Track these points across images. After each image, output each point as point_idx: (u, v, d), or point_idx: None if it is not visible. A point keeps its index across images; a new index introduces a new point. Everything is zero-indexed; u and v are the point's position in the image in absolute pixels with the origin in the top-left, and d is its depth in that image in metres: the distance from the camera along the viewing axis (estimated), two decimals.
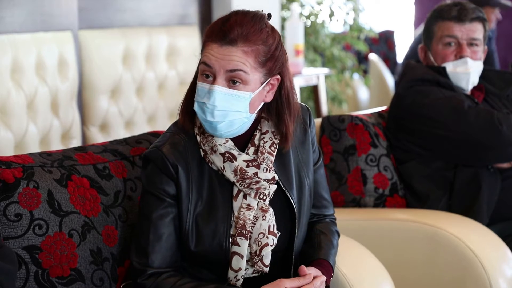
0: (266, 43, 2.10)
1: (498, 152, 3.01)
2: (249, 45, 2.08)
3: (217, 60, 2.08)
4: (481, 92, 3.17)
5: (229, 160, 2.13)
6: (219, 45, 2.08)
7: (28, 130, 3.80)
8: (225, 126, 2.11)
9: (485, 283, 2.70)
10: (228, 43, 2.07)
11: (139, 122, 4.52)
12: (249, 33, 2.08)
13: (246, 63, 2.08)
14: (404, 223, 2.91)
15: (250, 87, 2.10)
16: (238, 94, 2.09)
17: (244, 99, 2.10)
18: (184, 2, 4.89)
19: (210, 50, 2.09)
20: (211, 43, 2.09)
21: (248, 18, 2.10)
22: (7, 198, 2.08)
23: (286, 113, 2.17)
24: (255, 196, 2.14)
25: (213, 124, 2.10)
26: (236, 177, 2.14)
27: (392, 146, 3.12)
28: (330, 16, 6.26)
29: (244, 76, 2.08)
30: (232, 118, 2.10)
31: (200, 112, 2.11)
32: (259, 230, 2.13)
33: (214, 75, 2.09)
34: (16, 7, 3.83)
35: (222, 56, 2.07)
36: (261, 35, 2.10)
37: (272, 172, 2.16)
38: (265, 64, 2.11)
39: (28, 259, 2.09)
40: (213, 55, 2.08)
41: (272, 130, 2.19)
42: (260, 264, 2.14)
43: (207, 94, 2.09)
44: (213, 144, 2.14)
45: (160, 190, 2.14)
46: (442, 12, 3.12)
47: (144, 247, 2.13)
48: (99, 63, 4.28)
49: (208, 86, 2.09)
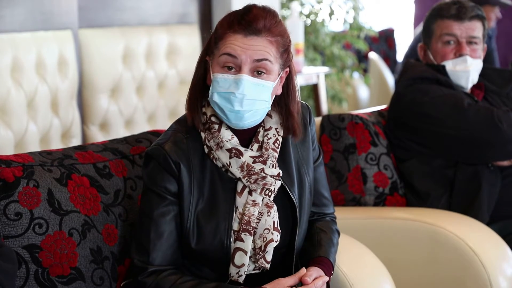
0: (284, 36, 2.15)
1: (498, 149, 3.01)
2: (272, 36, 2.12)
3: (243, 50, 2.10)
4: (481, 90, 3.17)
5: (235, 156, 2.14)
6: (244, 35, 2.11)
7: (28, 129, 3.80)
8: (251, 116, 2.13)
9: (485, 281, 2.70)
10: (253, 33, 2.10)
11: (139, 121, 4.52)
12: (271, 25, 2.12)
13: (270, 52, 2.12)
14: (404, 222, 2.91)
15: (272, 77, 2.14)
16: (264, 83, 2.12)
17: (268, 88, 2.13)
18: (184, 1, 4.89)
19: (234, 41, 2.11)
20: (234, 34, 2.11)
21: (267, 11, 2.14)
22: (7, 197, 2.08)
23: (294, 106, 2.21)
24: (261, 192, 2.15)
25: (240, 114, 2.12)
26: (242, 173, 2.14)
27: (392, 145, 3.12)
28: (330, 14, 6.26)
29: (269, 66, 2.12)
30: (258, 108, 2.13)
31: (224, 103, 2.11)
32: (264, 226, 2.14)
33: (238, 66, 2.11)
34: (16, 6, 3.83)
35: (248, 46, 2.10)
36: (281, 28, 2.15)
37: (277, 168, 2.18)
38: (282, 56, 2.15)
39: (28, 258, 2.09)
40: (238, 45, 2.10)
41: (276, 126, 2.20)
42: (263, 260, 2.15)
43: (233, 84, 2.10)
44: (219, 140, 2.15)
45: (161, 188, 2.14)
46: (441, 11, 3.12)
47: (145, 245, 2.14)
48: (99, 62, 4.28)
49: (233, 77, 2.11)
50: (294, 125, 2.20)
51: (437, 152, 3.06)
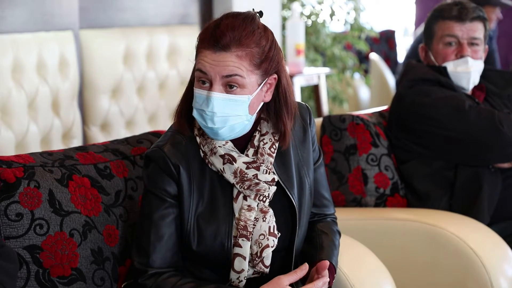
0: (260, 44, 2.08)
1: (498, 152, 3.00)
2: (243, 49, 2.06)
3: (212, 66, 2.06)
4: (482, 92, 3.17)
5: (228, 162, 2.13)
6: (213, 51, 2.06)
7: (29, 130, 3.80)
8: (227, 131, 2.10)
9: (486, 282, 2.70)
10: (221, 49, 2.05)
11: (140, 121, 4.52)
12: (241, 37, 2.06)
13: (241, 67, 2.06)
14: (405, 223, 2.90)
15: (248, 90, 2.09)
16: (236, 98, 2.08)
17: (242, 102, 2.09)
18: (185, 1, 4.89)
19: (204, 57, 2.07)
20: (204, 50, 2.07)
21: (239, 21, 2.07)
22: (8, 198, 2.08)
23: (284, 111, 2.16)
24: (255, 198, 2.14)
25: (214, 130, 2.10)
26: (236, 179, 2.13)
27: (393, 146, 3.12)
28: (331, 15, 6.26)
29: (240, 80, 2.07)
30: (233, 123, 2.09)
31: (200, 119, 2.10)
32: (260, 232, 2.13)
33: (210, 81, 2.07)
34: (17, 7, 3.83)
35: (216, 62, 2.05)
36: (254, 37, 2.07)
37: (271, 173, 2.16)
38: (260, 66, 2.09)
39: (29, 258, 2.09)
40: (207, 61, 2.06)
41: (272, 131, 2.18)
42: (261, 265, 2.14)
43: (205, 101, 2.07)
44: (212, 146, 2.14)
45: (161, 190, 2.14)
46: (442, 12, 3.12)
47: (145, 247, 2.13)
48: (100, 63, 4.29)
49: (205, 93, 2.07)
50: (284, 131, 2.16)
51: (437, 153, 3.05)
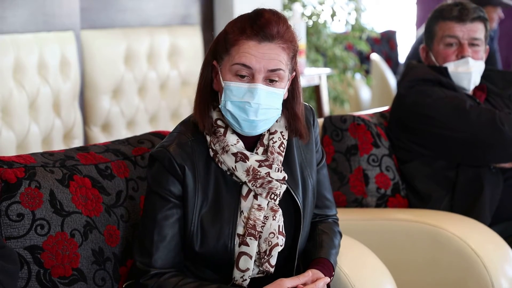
0: (294, 41, 2.13)
1: (500, 151, 3.00)
2: (284, 42, 2.10)
3: (258, 60, 2.07)
4: (483, 92, 3.17)
5: (241, 160, 2.13)
6: (257, 42, 2.08)
7: (30, 130, 3.80)
8: (264, 124, 2.13)
9: (487, 283, 2.70)
10: (267, 40, 2.08)
11: (141, 122, 4.53)
12: (283, 30, 2.10)
13: (283, 60, 2.10)
14: (406, 223, 2.90)
15: (284, 84, 2.13)
16: (276, 91, 2.11)
17: (280, 96, 2.12)
18: (186, 2, 4.89)
19: (248, 49, 2.08)
20: (247, 40, 2.08)
21: (279, 16, 2.12)
22: (9, 198, 2.09)
23: (299, 108, 2.20)
24: (266, 196, 2.14)
25: (255, 123, 2.10)
26: (248, 177, 2.13)
27: (394, 146, 3.12)
28: (332, 16, 6.26)
29: (282, 74, 2.10)
30: (271, 116, 2.12)
31: (239, 112, 2.10)
32: (270, 230, 2.13)
33: (252, 75, 2.09)
34: (18, 7, 3.83)
35: (262, 54, 2.07)
36: (291, 33, 2.13)
37: (283, 172, 2.17)
38: (292, 61, 2.14)
39: (30, 259, 2.09)
40: (253, 54, 2.07)
41: (281, 130, 2.19)
42: (267, 264, 2.14)
43: (248, 93, 2.08)
44: (224, 144, 2.14)
45: (166, 190, 2.13)
46: (443, 12, 3.12)
47: (148, 248, 2.13)
48: (101, 63, 4.29)
49: (247, 85, 2.09)
50: (300, 128, 2.19)
51: (438, 154, 3.05)
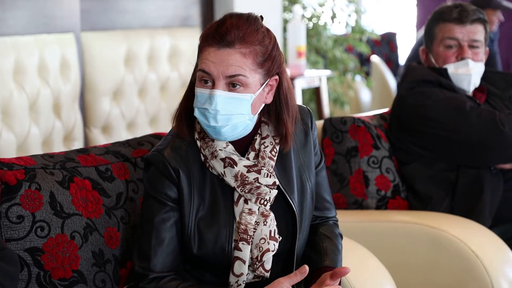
0: (263, 43, 2.09)
1: (500, 153, 3.00)
2: (247, 47, 2.07)
3: (216, 66, 2.06)
4: (483, 94, 3.17)
5: (229, 166, 2.12)
6: (217, 48, 2.06)
7: (30, 132, 3.80)
8: (229, 130, 2.10)
9: (487, 284, 2.70)
10: (225, 46, 2.06)
11: (141, 123, 4.53)
12: (245, 34, 2.07)
13: (244, 66, 2.06)
14: (406, 225, 2.90)
15: (251, 89, 2.09)
16: (239, 96, 2.08)
17: (246, 101, 2.09)
18: (186, 3, 4.89)
19: (207, 55, 2.07)
20: (208, 47, 2.08)
21: (243, 19, 2.09)
22: (9, 200, 2.09)
23: (285, 114, 2.16)
24: (256, 201, 2.13)
25: (217, 129, 2.09)
26: (236, 183, 2.13)
27: (394, 148, 3.12)
28: (332, 18, 6.27)
29: (243, 80, 2.07)
30: (236, 122, 2.09)
31: (202, 118, 2.09)
32: (260, 236, 2.13)
33: (213, 81, 2.07)
34: (18, 9, 3.83)
35: (220, 60, 2.06)
36: (258, 35, 2.08)
37: (272, 177, 2.15)
38: (263, 65, 2.09)
39: (30, 261, 2.09)
40: (211, 60, 2.06)
41: (272, 134, 2.18)
42: (261, 269, 2.14)
43: (208, 100, 2.07)
44: (213, 150, 2.13)
45: (162, 194, 2.13)
46: (442, 14, 3.12)
47: (146, 252, 2.13)
48: (101, 65, 4.29)
49: (208, 92, 2.07)
50: (285, 134, 2.16)
51: (439, 155, 3.05)
